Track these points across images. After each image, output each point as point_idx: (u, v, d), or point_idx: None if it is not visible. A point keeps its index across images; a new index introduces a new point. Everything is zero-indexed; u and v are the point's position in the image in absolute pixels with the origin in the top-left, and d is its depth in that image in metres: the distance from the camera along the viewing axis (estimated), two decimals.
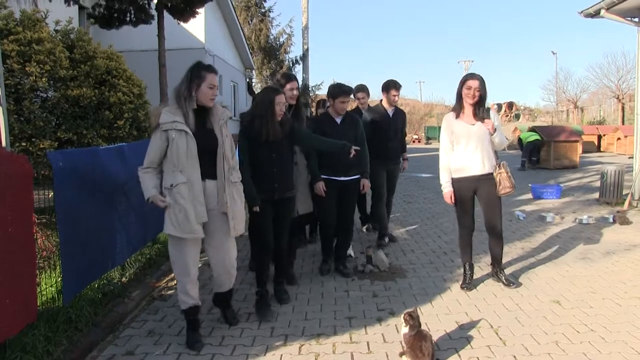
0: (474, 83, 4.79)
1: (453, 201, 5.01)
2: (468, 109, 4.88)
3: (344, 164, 5.28)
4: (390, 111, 6.75)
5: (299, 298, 4.93)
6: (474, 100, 4.81)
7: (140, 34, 12.42)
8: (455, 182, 4.96)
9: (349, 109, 5.86)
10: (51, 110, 6.51)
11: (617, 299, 4.76)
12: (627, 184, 10.02)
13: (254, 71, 28.26)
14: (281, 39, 31.74)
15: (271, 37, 31.27)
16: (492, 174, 4.89)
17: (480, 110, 4.87)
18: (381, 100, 6.83)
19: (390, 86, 6.68)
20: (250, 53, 26.86)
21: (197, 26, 17.37)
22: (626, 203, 9.37)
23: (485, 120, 4.82)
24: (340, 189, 5.42)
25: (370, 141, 5.92)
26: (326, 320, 4.36)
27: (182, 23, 11.69)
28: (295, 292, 5.08)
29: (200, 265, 4.32)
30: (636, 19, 9.62)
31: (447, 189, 5.00)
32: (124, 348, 3.91)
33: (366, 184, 5.55)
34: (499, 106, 12.12)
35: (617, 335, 3.97)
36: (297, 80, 5.33)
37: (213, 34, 19.79)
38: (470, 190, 4.96)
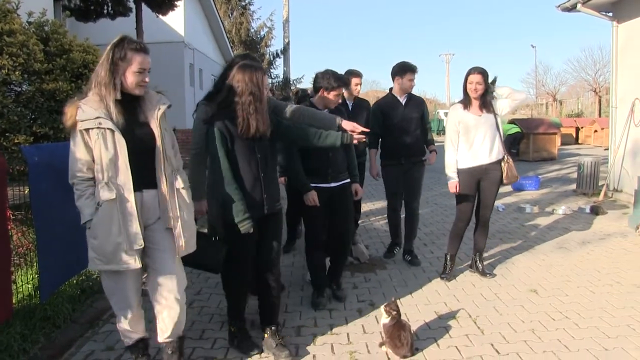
0: (474, 78, 4.87)
1: (458, 190, 5.01)
2: (475, 102, 4.94)
3: (333, 168, 4.41)
4: (402, 99, 5.67)
5: None
6: (477, 94, 4.88)
7: (118, 27, 12.19)
8: (462, 173, 4.97)
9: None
10: (26, 105, 6.40)
11: (591, 286, 4.86)
12: (603, 175, 10.18)
13: None
14: (262, 33, 31.61)
15: (252, 30, 31.11)
16: (498, 163, 4.97)
17: (486, 102, 4.94)
18: (391, 89, 5.79)
19: (407, 69, 5.58)
20: (231, 47, 26.73)
21: (176, 19, 17.25)
22: (602, 194, 9.52)
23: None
24: (330, 197, 4.43)
25: (382, 138, 5.62)
26: (307, 312, 4.37)
27: (160, 16, 11.61)
28: None
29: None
30: (610, 14, 9.77)
31: (453, 179, 4.98)
32: (104, 344, 3.88)
33: (358, 189, 4.76)
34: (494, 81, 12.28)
35: (590, 321, 4.07)
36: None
37: (193, 27, 19.66)
38: (476, 181, 5.00)
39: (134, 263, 2.89)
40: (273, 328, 3.68)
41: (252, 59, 3.87)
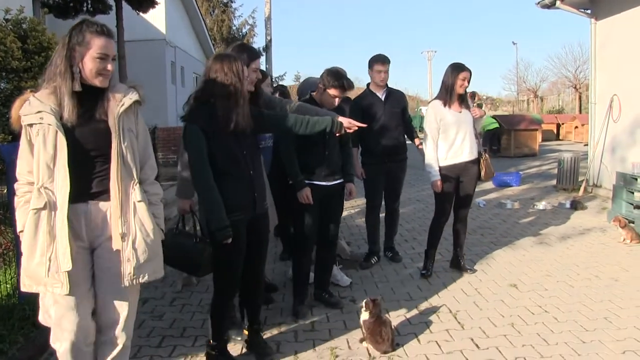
0: (466, 75, 4.87)
1: (441, 189, 4.99)
2: (455, 99, 4.95)
3: (328, 166, 4.18)
4: (381, 94, 5.45)
5: None
6: (463, 90, 4.90)
7: None
8: (443, 170, 4.96)
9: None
10: (4, 103, 6.34)
11: (570, 280, 4.92)
12: (583, 170, 10.30)
13: None
14: (244, 30, 31.59)
15: (234, 28, 31.06)
16: (477, 160, 5.00)
17: (464, 98, 4.98)
18: (368, 84, 5.56)
19: (374, 60, 5.37)
20: (213, 44, 26.62)
21: (157, 17, 17.12)
22: (581, 189, 9.63)
23: (473, 109, 4.96)
24: (323, 196, 4.20)
25: (362, 136, 5.11)
26: (288, 309, 4.35)
27: (141, 13, 11.52)
28: None
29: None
30: (589, 11, 9.89)
31: (436, 177, 4.93)
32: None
33: (352, 189, 4.43)
34: (473, 94, 12.30)
35: (569, 315, 4.11)
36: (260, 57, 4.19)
37: (174, 25, 19.54)
38: (456, 178, 5.01)
39: (61, 288, 2.38)
40: (255, 326, 3.61)
41: (249, 50, 3.71)
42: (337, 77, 4.23)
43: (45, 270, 2.37)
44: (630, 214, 6.86)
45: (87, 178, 2.46)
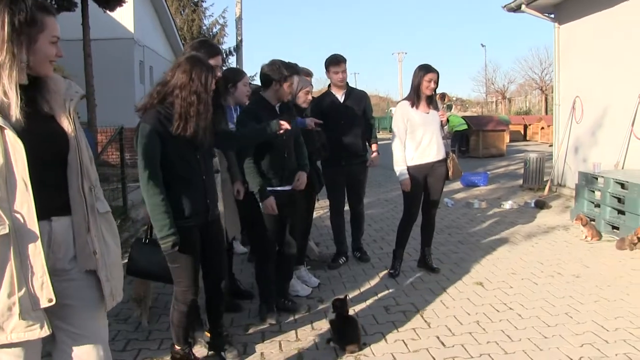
0: (432, 76, 4.90)
1: (409, 188, 5.03)
2: (423, 100, 4.99)
3: (288, 169, 4.10)
4: (340, 95, 5.41)
5: None
6: (429, 92, 4.93)
7: (62, 22, 11.83)
8: (410, 170, 4.99)
9: None
10: None
11: (534, 278, 5.03)
12: (548, 170, 10.51)
13: None
14: (214, 30, 31.34)
15: (204, 27, 30.81)
16: (444, 160, 5.06)
17: (432, 100, 5.03)
18: (329, 85, 5.54)
19: (328, 63, 5.33)
20: (183, 44, 26.34)
21: (125, 15, 16.92)
22: (546, 189, 9.83)
23: (441, 112, 5.02)
24: (287, 201, 4.12)
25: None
26: (255, 310, 4.33)
27: (108, 12, 11.35)
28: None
29: None
30: (552, 15, 10.11)
31: (404, 177, 4.96)
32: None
33: (302, 177, 4.24)
34: (443, 95, 12.44)
35: (532, 311, 4.21)
36: (221, 54, 4.09)
37: (143, 24, 19.31)
38: (423, 178, 5.05)
39: (41, 329, 1.91)
40: (218, 329, 3.51)
41: (209, 46, 3.62)
42: (289, 67, 4.12)
43: (17, 312, 1.84)
44: (592, 212, 7.03)
45: (45, 190, 1.95)
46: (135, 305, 4.09)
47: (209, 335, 3.58)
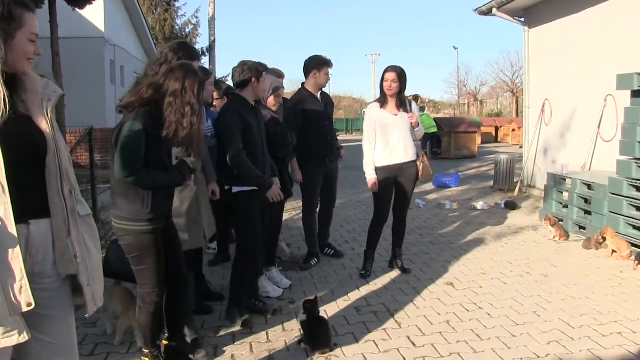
0: (389, 75, 4.94)
1: (376, 189, 5.06)
2: (391, 100, 5.02)
3: (264, 169, 4.06)
4: (319, 96, 5.45)
5: None
6: (391, 92, 4.95)
7: None
8: (379, 171, 5.03)
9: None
10: None
11: (503, 277, 5.10)
12: (518, 172, 10.66)
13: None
14: (187, 30, 31.05)
15: (177, 27, 30.49)
16: (414, 162, 5.08)
17: (403, 101, 5.03)
18: (303, 84, 5.51)
19: (325, 63, 5.38)
20: (155, 44, 26.09)
21: (95, 14, 16.69)
22: (516, 190, 9.98)
23: (410, 114, 5.00)
24: (261, 200, 4.12)
25: (303, 139, 5.12)
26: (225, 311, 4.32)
27: (77, 10, 11.15)
28: None
29: None
30: (522, 19, 10.28)
31: (371, 176, 5.02)
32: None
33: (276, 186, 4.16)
34: (416, 97, 12.48)
35: (502, 310, 4.27)
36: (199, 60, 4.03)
37: (114, 23, 19.06)
38: (392, 179, 5.08)
39: (19, 335, 1.85)
40: (177, 340, 3.40)
41: (189, 50, 3.57)
42: (261, 65, 4.14)
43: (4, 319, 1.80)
44: (560, 213, 7.16)
45: (22, 192, 1.89)
46: (108, 319, 3.88)
47: (165, 343, 3.41)
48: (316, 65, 5.37)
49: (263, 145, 4.11)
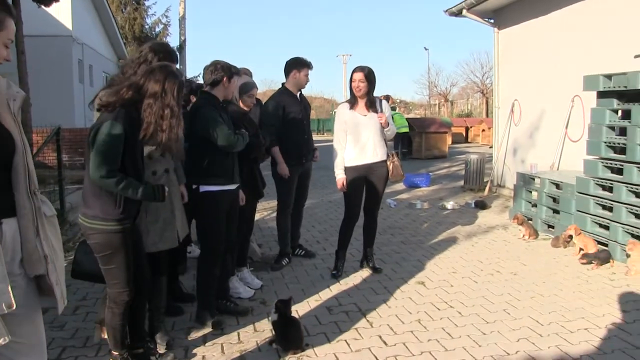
0: (357, 76, 4.95)
1: (345, 187, 5.06)
2: (360, 101, 5.02)
3: (235, 170, 4.07)
4: (298, 96, 5.56)
5: None
6: (360, 92, 4.96)
7: None
8: (349, 170, 5.04)
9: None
10: None
11: (474, 276, 5.14)
12: (488, 171, 10.79)
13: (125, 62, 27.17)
14: (157, 29, 30.83)
15: (146, 26, 30.27)
16: (384, 161, 5.08)
17: (372, 101, 5.03)
18: (284, 84, 5.59)
19: (305, 65, 5.46)
20: (124, 43, 25.76)
21: (62, 11, 16.36)
22: (486, 189, 10.10)
23: (380, 114, 5.00)
24: (232, 201, 4.12)
25: (282, 137, 5.24)
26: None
27: (43, 7, 10.92)
28: None
29: None
30: (492, 20, 10.41)
31: (340, 176, 5.04)
32: None
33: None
34: (387, 97, 12.55)
35: (472, 309, 4.30)
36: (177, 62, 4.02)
37: (81, 21, 18.72)
38: (362, 179, 5.08)
39: None
40: (139, 348, 3.33)
41: (168, 52, 3.54)
42: (232, 66, 4.11)
43: None
44: (530, 212, 7.26)
45: None
46: (98, 327, 3.71)
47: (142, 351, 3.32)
48: (296, 65, 5.45)
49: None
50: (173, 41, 29.71)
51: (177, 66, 3.61)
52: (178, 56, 3.78)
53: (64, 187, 7.38)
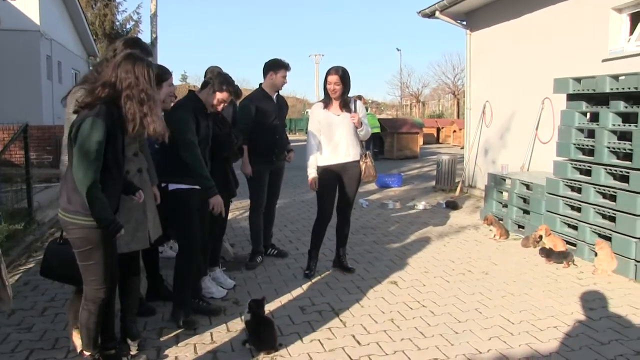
0: (332, 78, 4.95)
1: (315, 187, 5.07)
2: (335, 102, 5.03)
3: (209, 168, 4.08)
4: (274, 97, 5.58)
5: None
6: (336, 94, 4.97)
7: None
8: (321, 170, 5.05)
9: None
10: None
11: (446, 276, 5.18)
12: (460, 172, 10.91)
13: (98, 59, 26.71)
14: (128, 26, 30.43)
15: (117, 23, 29.90)
16: (356, 162, 5.09)
17: (346, 102, 5.04)
18: (261, 84, 5.61)
19: (282, 66, 5.49)
20: (95, 39, 25.33)
21: (29, 6, 16.03)
22: (458, 190, 10.20)
23: (353, 114, 4.99)
24: (203, 201, 4.03)
25: (253, 135, 5.27)
26: (169, 313, 4.18)
27: (9, 0, 10.67)
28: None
29: None
30: (464, 22, 10.53)
31: (311, 175, 5.05)
32: None
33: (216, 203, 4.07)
34: (359, 97, 12.68)
35: (444, 308, 4.34)
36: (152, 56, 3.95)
37: (50, 16, 18.32)
38: (335, 178, 5.09)
39: None
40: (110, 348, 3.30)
41: (143, 47, 3.49)
42: (229, 82, 4.12)
43: None
44: (500, 212, 7.35)
45: None
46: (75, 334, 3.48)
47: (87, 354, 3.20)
48: (272, 67, 5.49)
49: (206, 149, 4.10)
50: (144, 38, 29.43)
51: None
52: (152, 51, 3.71)
53: (31, 186, 7.23)
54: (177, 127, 3.82)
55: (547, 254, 5.59)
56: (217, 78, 4.11)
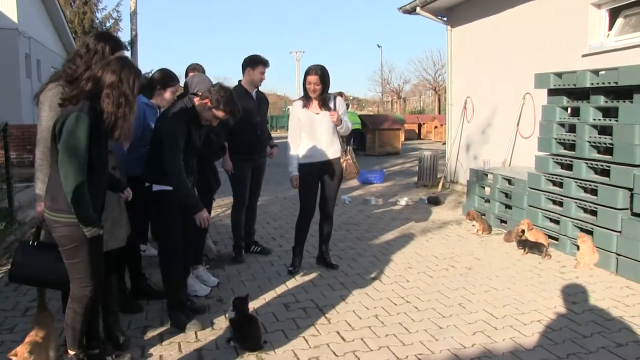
0: (312, 79, 4.93)
1: (297, 185, 5.07)
2: (315, 100, 5.02)
3: (193, 169, 4.05)
4: (253, 93, 5.57)
5: None
6: (315, 94, 4.96)
7: None
8: (302, 168, 5.05)
9: None
10: None
11: (429, 271, 5.20)
12: (442, 168, 10.96)
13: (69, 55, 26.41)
14: (107, 24, 30.07)
15: (97, 21, 29.53)
16: (337, 159, 5.10)
17: (325, 100, 5.02)
18: (240, 81, 5.60)
19: (260, 62, 5.46)
20: (74, 38, 24.99)
21: (7, 3, 15.76)
22: (440, 185, 10.25)
23: (331, 113, 4.98)
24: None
25: (234, 133, 5.14)
26: (153, 311, 4.19)
27: None
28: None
29: None
30: (445, 18, 10.57)
31: (293, 173, 5.05)
32: None
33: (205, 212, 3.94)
34: (340, 94, 12.68)
35: (428, 303, 4.35)
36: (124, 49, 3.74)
37: (28, 14, 18.03)
38: (316, 176, 5.10)
39: None
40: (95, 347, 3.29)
41: (111, 39, 3.42)
42: (231, 103, 3.89)
43: None
44: (483, 207, 7.39)
45: None
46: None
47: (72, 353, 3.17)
48: (250, 63, 5.47)
49: (194, 159, 4.06)
50: (124, 36, 29.19)
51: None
52: (123, 43, 3.62)
53: (12, 185, 7.11)
54: (165, 138, 3.74)
55: (523, 244, 5.71)
56: (218, 94, 3.84)
